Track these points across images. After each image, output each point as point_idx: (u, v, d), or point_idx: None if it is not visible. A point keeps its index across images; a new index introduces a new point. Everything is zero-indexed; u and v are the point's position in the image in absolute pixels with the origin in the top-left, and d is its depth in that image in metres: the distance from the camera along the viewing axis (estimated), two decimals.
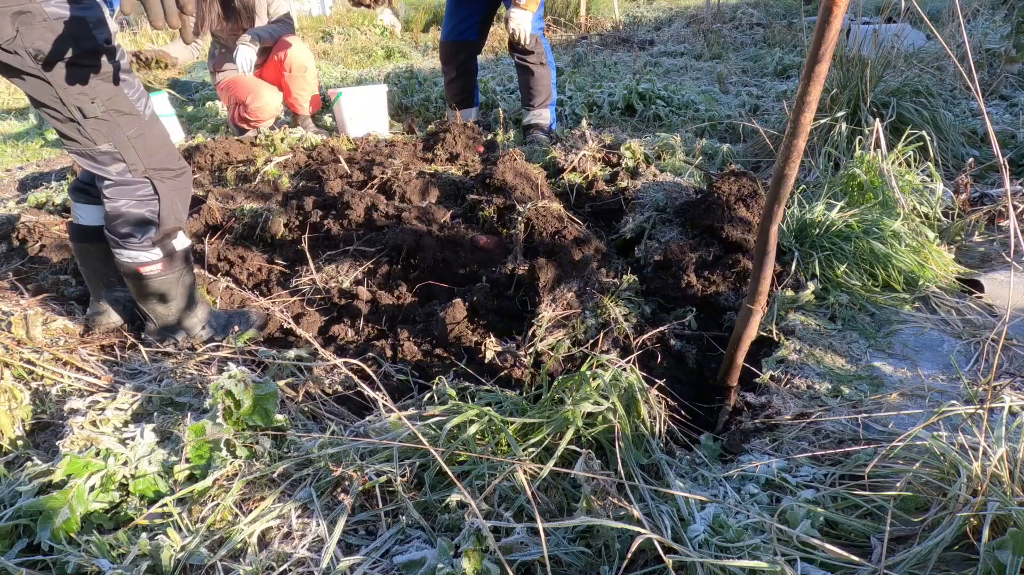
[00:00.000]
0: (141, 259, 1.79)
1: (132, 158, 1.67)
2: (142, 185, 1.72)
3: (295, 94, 4.16)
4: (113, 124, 1.61)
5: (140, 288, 1.84)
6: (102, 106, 1.57)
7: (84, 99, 1.54)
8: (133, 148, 1.66)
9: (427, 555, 1.12)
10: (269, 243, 2.67)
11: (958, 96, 3.63)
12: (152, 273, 1.81)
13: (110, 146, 1.63)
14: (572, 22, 8.19)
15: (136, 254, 1.78)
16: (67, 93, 1.52)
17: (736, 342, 1.59)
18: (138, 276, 1.81)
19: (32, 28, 1.41)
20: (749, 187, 2.37)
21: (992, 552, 1.00)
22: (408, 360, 1.89)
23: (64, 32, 1.44)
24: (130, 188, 1.71)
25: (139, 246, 1.77)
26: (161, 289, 1.85)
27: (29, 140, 4.58)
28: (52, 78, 1.49)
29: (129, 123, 1.64)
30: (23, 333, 1.76)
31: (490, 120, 4.36)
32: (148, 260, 1.79)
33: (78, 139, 1.62)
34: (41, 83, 1.51)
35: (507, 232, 2.55)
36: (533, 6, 3.46)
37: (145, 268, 1.80)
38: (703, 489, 1.31)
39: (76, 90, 1.52)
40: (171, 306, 1.89)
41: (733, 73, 5.27)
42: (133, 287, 1.86)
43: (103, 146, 1.63)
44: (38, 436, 1.56)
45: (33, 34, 1.42)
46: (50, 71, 1.47)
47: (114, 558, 1.17)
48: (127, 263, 1.80)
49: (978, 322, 1.90)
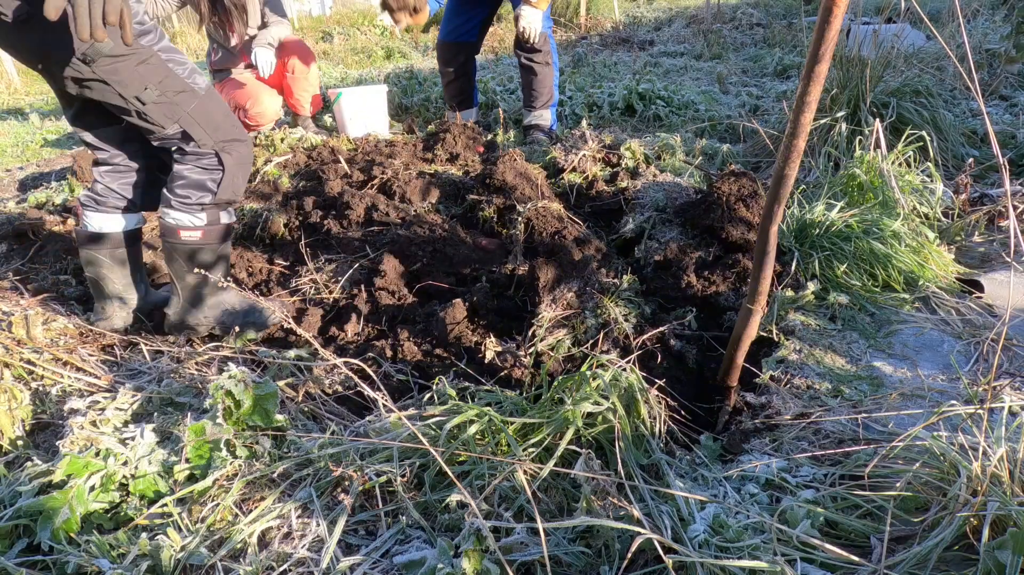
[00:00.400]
0: (184, 222, 1.84)
1: (198, 133, 1.73)
2: (208, 155, 1.78)
3: (297, 95, 4.15)
4: (172, 104, 1.66)
5: (173, 248, 1.88)
6: (156, 89, 1.62)
7: (138, 87, 1.59)
8: (197, 123, 1.72)
9: (427, 555, 1.12)
10: (269, 243, 2.67)
11: (958, 96, 3.63)
12: (189, 239, 1.86)
13: (176, 126, 1.70)
14: (572, 22, 8.20)
15: (181, 216, 1.83)
16: (122, 86, 1.57)
17: (736, 342, 1.59)
18: (175, 236, 1.85)
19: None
20: (749, 187, 2.37)
21: (992, 552, 1.00)
22: (408, 360, 1.89)
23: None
24: (198, 158, 1.77)
25: (187, 208, 1.82)
26: (193, 257, 1.88)
27: (29, 140, 4.58)
28: (105, 75, 1.54)
29: (187, 100, 1.69)
30: (23, 333, 1.76)
31: (490, 120, 4.36)
32: (190, 225, 1.84)
33: (151, 127, 1.68)
34: (102, 85, 1.56)
35: (507, 232, 2.55)
36: (544, 4, 3.45)
37: (184, 233, 1.85)
38: (703, 489, 1.31)
39: (128, 80, 1.57)
40: (197, 277, 1.92)
41: (733, 73, 5.27)
42: (167, 250, 1.89)
43: (170, 128, 1.69)
44: (38, 436, 1.56)
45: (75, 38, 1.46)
46: (99, 68, 1.52)
47: (114, 558, 1.17)
48: (170, 224, 1.85)
49: (978, 322, 1.91)
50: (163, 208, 1.84)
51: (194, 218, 1.84)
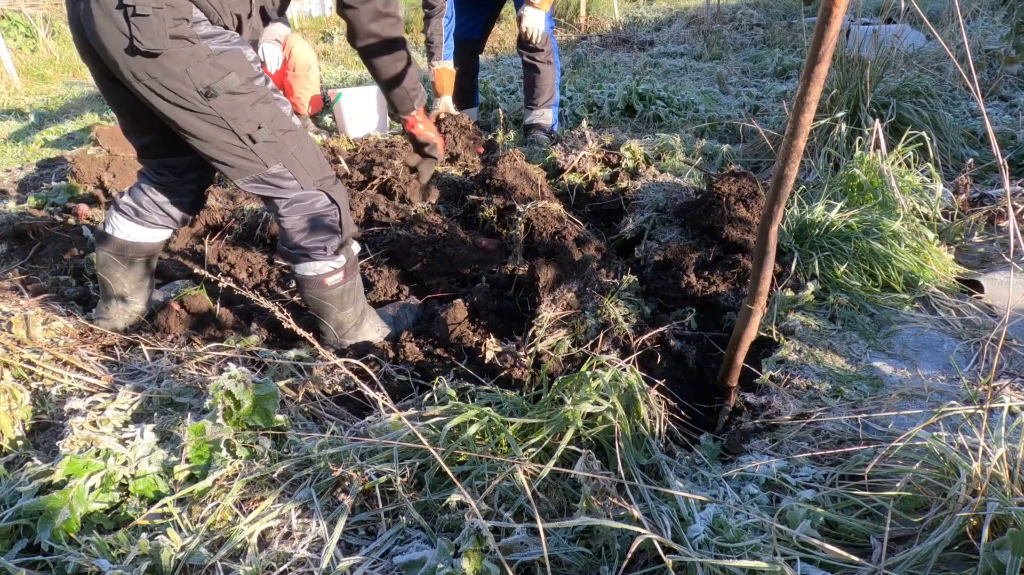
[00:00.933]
0: (325, 270, 1.81)
1: (300, 173, 1.71)
2: (318, 197, 1.75)
3: (297, 93, 4.16)
4: (280, 144, 1.66)
5: (321, 298, 1.86)
6: (268, 129, 1.62)
7: (251, 126, 1.60)
8: (299, 163, 1.70)
9: (427, 555, 1.12)
10: (269, 243, 2.67)
11: (958, 97, 3.63)
12: (335, 282, 1.84)
13: (280, 166, 1.68)
14: (572, 23, 8.20)
15: (321, 265, 1.81)
16: (237, 123, 1.58)
17: (736, 342, 1.59)
18: (321, 287, 1.84)
19: (200, 66, 1.49)
20: (749, 187, 2.37)
21: (992, 552, 1.00)
22: (409, 360, 1.89)
23: (226, 65, 1.53)
24: (306, 203, 1.74)
25: (324, 256, 1.80)
26: (342, 298, 1.88)
27: (29, 140, 4.59)
28: (222, 111, 1.55)
29: (292, 139, 1.69)
30: (23, 333, 1.76)
31: (490, 120, 4.36)
32: (331, 269, 1.82)
33: (251, 166, 1.65)
34: (212, 120, 1.56)
35: (507, 232, 2.55)
36: (546, 5, 3.46)
37: (329, 279, 1.83)
38: (703, 489, 1.31)
39: (244, 118, 1.58)
40: (348, 313, 1.92)
41: (733, 74, 5.27)
42: (312, 300, 1.88)
43: (274, 167, 1.67)
44: (38, 436, 1.56)
45: (201, 72, 1.49)
46: (218, 104, 1.54)
47: (114, 558, 1.17)
48: (311, 276, 1.82)
49: (978, 322, 1.91)
50: (298, 264, 1.81)
51: (334, 263, 1.82)
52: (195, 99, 1.53)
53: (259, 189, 1.71)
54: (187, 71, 1.49)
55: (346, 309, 1.92)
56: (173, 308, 2.08)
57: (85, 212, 3.00)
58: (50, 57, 7.23)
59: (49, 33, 7.51)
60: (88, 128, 4.73)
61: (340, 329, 1.93)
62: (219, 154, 1.64)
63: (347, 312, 1.92)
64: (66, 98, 5.89)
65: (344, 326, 1.93)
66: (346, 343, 1.95)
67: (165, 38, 1.45)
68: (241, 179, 1.69)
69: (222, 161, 1.66)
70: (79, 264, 2.42)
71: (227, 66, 1.54)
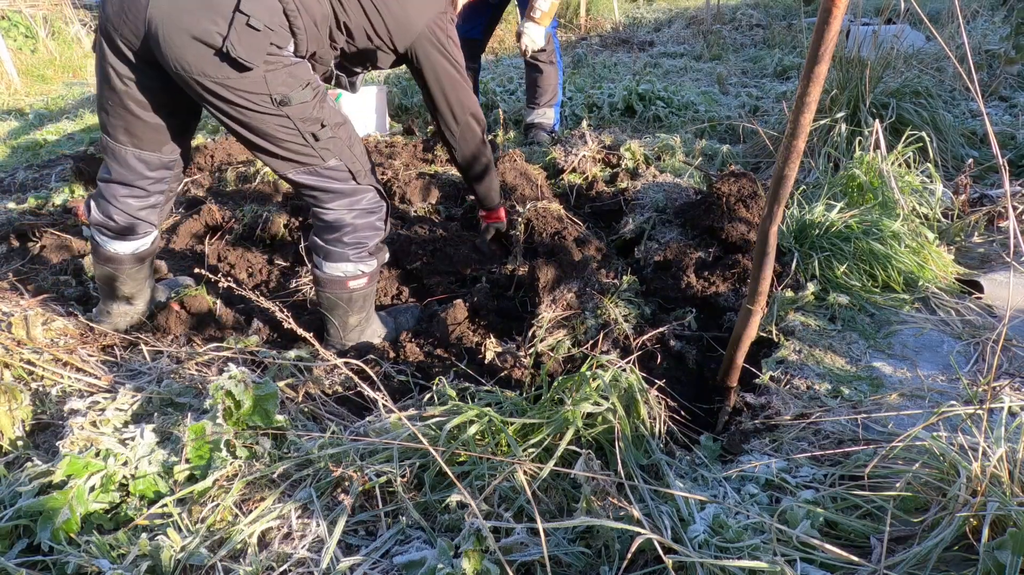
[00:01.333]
0: (353, 272, 1.81)
1: (356, 166, 1.73)
2: (367, 193, 1.76)
3: None
4: (338, 139, 1.69)
5: (338, 299, 1.86)
6: (331, 128, 1.66)
7: (315, 126, 1.64)
8: (354, 155, 1.73)
9: (427, 555, 1.12)
10: (269, 243, 2.67)
11: (957, 97, 3.63)
12: (358, 287, 1.84)
13: (336, 160, 1.69)
14: (572, 23, 8.19)
15: (352, 267, 1.81)
16: (303, 124, 1.61)
17: (736, 342, 1.59)
18: (343, 289, 1.83)
19: (276, 75, 1.54)
20: (749, 188, 2.37)
21: (992, 552, 1.00)
22: (409, 361, 1.89)
23: (298, 74, 1.59)
24: (356, 199, 1.75)
25: (359, 257, 1.80)
26: (358, 302, 1.88)
27: (29, 141, 4.58)
28: (293, 115, 1.59)
29: (345, 132, 1.72)
30: (23, 334, 1.76)
31: (490, 121, 4.36)
32: (358, 273, 1.82)
33: (309, 160, 1.67)
34: (281, 120, 1.59)
35: (507, 233, 2.55)
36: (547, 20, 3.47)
37: (353, 282, 1.83)
38: (703, 489, 1.31)
39: (311, 118, 1.62)
40: (356, 316, 1.92)
41: (733, 74, 5.27)
42: (329, 299, 1.86)
43: (331, 161, 1.69)
44: (38, 436, 1.56)
45: (277, 80, 1.55)
46: (292, 110, 1.58)
47: (114, 558, 1.17)
48: (337, 277, 1.81)
49: (978, 323, 1.91)
50: (328, 262, 1.80)
51: (364, 266, 1.81)
52: (268, 105, 1.56)
53: (312, 180, 1.70)
54: (265, 78, 1.53)
55: (357, 313, 1.92)
56: (173, 308, 2.08)
57: (85, 213, 3.00)
58: (50, 57, 7.23)
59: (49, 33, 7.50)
60: (88, 128, 4.74)
61: (344, 330, 1.93)
62: (277, 150, 1.64)
63: (356, 316, 1.92)
64: (66, 98, 5.89)
65: (348, 327, 1.94)
66: (348, 344, 1.95)
67: (261, 55, 1.49)
68: (294, 172, 1.69)
69: (280, 156, 1.66)
70: (79, 264, 2.42)
71: (302, 77, 1.59)
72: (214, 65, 1.48)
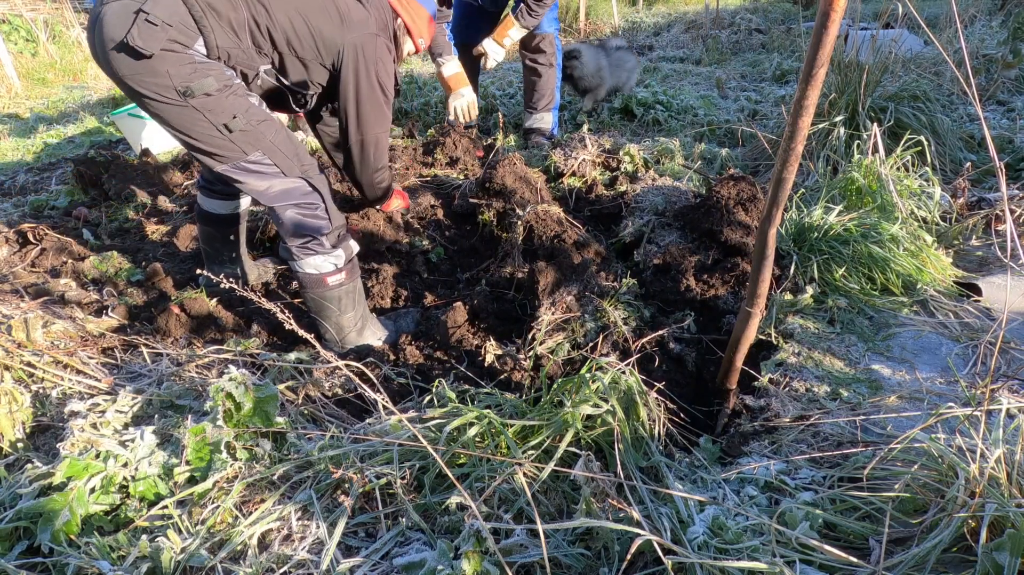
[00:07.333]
0: (325, 267, 1.87)
1: (280, 159, 1.79)
2: (297, 185, 1.82)
3: None
4: (257, 132, 1.75)
5: (322, 299, 1.91)
6: (243, 119, 1.72)
7: (226, 116, 1.70)
8: (279, 150, 1.79)
9: (427, 557, 1.12)
10: (268, 246, 2.67)
11: (955, 101, 3.64)
12: (337, 282, 1.89)
13: (259, 153, 1.76)
14: (572, 27, 8.22)
15: (321, 261, 1.86)
16: (213, 115, 1.69)
17: (735, 345, 1.59)
18: (323, 286, 1.88)
19: (180, 69, 1.63)
20: (748, 191, 2.38)
21: (990, 553, 1.00)
22: (409, 363, 1.90)
23: (204, 70, 1.66)
24: (293, 192, 1.81)
25: (323, 251, 1.85)
26: (343, 300, 1.92)
27: (29, 144, 4.59)
28: (199, 106, 1.67)
29: (269, 128, 1.77)
30: (24, 336, 1.76)
31: (490, 125, 4.37)
32: (332, 267, 1.87)
33: (230, 152, 1.74)
34: (190, 112, 1.67)
35: (506, 236, 2.56)
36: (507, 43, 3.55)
37: (330, 278, 1.88)
38: (702, 491, 1.32)
39: (219, 110, 1.69)
40: (349, 316, 1.96)
41: (732, 78, 5.29)
42: (314, 300, 1.92)
43: (253, 155, 1.76)
44: (38, 438, 1.56)
45: (181, 74, 1.63)
46: (196, 102, 1.66)
47: (114, 560, 1.17)
48: (312, 274, 1.88)
49: (976, 325, 1.91)
50: (299, 262, 1.86)
51: (332, 258, 1.87)
52: (173, 96, 1.64)
53: (238, 174, 1.77)
54: (168, 72, 1.62)
55: (347, 312, 1.93)
56: (173, 311, 2.09)
57: (85, 215, 3.00)
58: (51, 61, 7.24)
59: (50, 37, 7.52)
60: (89, 132, 4.74)
61: (340, 332, 1.94)
62: (199, 144, 1.72)
63: (348, 316, 1.94)
64: (67, 102, 5.90)
65: (344, 329, 1.94)
66: (346, 347, 1.96)
67: (157, 45, 1.58)
68: (220, 165, 1.76)
69: (203, 151, 1.73)
70: (78, 267, 2.42)
71: (208, 71, 1.67)
72: (127, 63, 1.60)
